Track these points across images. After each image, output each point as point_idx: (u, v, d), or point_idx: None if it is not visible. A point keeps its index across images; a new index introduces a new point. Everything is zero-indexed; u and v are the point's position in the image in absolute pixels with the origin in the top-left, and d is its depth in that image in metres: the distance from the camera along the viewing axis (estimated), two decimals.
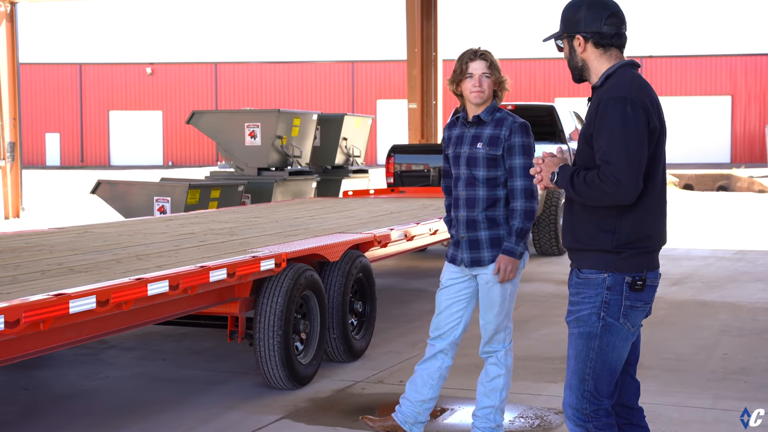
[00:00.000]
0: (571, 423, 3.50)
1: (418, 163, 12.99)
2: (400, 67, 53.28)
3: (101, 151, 56.71)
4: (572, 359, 3.48)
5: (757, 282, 10.51)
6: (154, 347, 7.38)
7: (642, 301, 3.42)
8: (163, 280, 4.73)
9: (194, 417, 5.56)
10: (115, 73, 56.36)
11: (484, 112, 4.72)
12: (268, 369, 5.93)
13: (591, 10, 3.44)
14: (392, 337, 7.72)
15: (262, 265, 5.61)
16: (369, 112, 51.28)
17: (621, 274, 3.38)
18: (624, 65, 3.44)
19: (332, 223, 8.10)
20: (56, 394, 6.11)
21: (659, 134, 3.38)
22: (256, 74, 55.06)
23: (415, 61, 17.88)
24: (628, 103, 3.30)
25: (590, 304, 3.42)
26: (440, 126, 18.32)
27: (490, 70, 4.70)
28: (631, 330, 3.44)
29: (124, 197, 12.69)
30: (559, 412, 5.60)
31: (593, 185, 3.33)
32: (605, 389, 3.45)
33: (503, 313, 4.76)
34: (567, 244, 3.53)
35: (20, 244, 6.45)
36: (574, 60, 3.50)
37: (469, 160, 4.72)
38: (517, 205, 4.67)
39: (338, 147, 15.33)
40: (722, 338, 7.65)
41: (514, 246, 4.66)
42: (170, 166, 54.55)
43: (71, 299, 4.12)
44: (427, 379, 4.93)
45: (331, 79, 54.43)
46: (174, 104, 55.70)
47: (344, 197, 12.35)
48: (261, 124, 13.84)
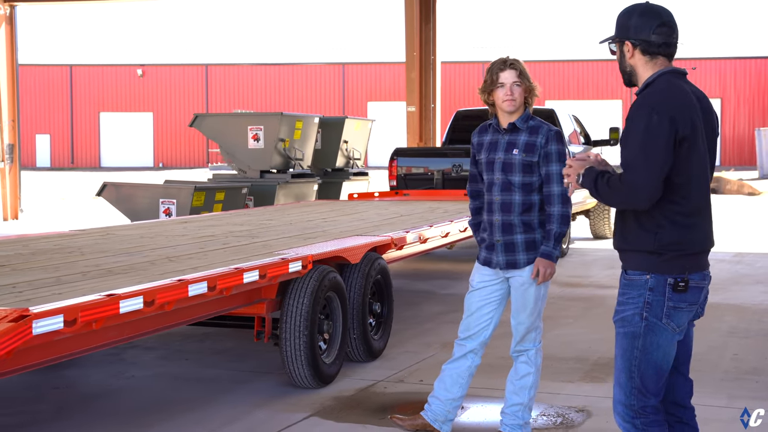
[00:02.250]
0: (620, 418, 3.65)
1: (421, 167, 13.15)
2: (391, 69, 53.50)
3: (92, 152, 56.68)
4: (619, 358, 3.63)
5: (759, 284, 10.70)
6: (176, 347, 7.51)
7: (686, 302, 3.55)
8: (202, 282, 4.87)
9: (223, 415, 5.68)
10: (105, 74, 56.36)
11: (519, 120, 4.87)
12: (294, 368, 6.07)
13: (642, 18, 3.56)
14: (406, 338, 7.86)
15: (290, 267, 5.75)
16: (360, 114, 51.44)
17: (663, 276, 3.52)
18: (664, 74, 3.56)
19: (346, 226, 8.24)
20: (84, 393, 6.23)
21: (693, 140, 3.50)
22: (248, 76, 55.14)
23: (413, 65, 18.04)
24: (654, 112, 3.43)
25: (633, 305, 3.57)
26: (438, 129, 18.49)
27: (520, 78, 4.85)
28: (676, 330, 3.57)
29: (130, 199, 12.79)
30: (580, 410, 5.76)
31: (614, 188, 3.50)
32: (652, 387, 3.59)
33: (536, 313, 4.92)
34: (616, 244, 3.68)
35: (49, 246, 6.57)
36: (624, 65, 3.63)
37: (505, 166, 4.87)
38: (554, 210, 4.82)
39: (339, 150, 15.50)
40: (731, 339, 7.83)
41: (551, 250, 4.82)
42: (161, 167, 54.57)
43: (121, 299, 4.25)
44: (456, 378, 5.08)
45: (322, 81, 54.56)
46: (165, 106, 55.73)
47: (350, 200, 12.48)
48: (264, 127, 13.99)
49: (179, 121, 55.29)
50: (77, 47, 60.07)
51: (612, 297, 9.96)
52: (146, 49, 58.99)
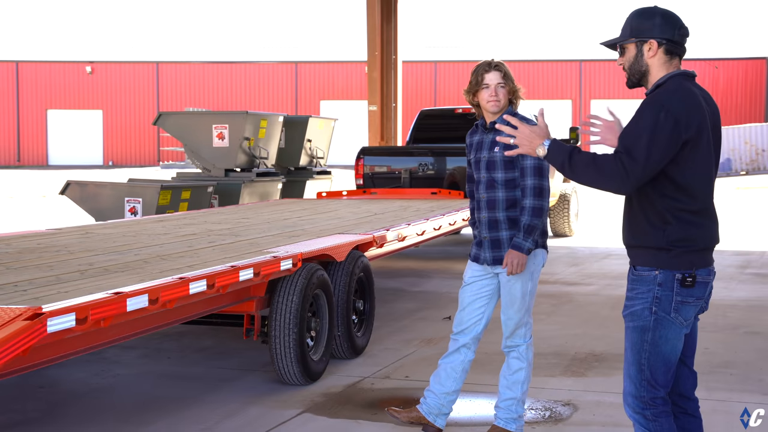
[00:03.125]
0: (630, 410, 3.78)
1: (385, 165, 13.25)
2: (344, 68, 53.53)
3: (39, 150, 55.85)
4: (629, 351, 3.76)
5: (718, 281, 10.96)
6: (155, 346, 7.51)
7: (693, 296, 3.70)
8: (201, 280, 4.91)
9: (217, 413, 5.73)
10: (53, 71, 55.56)
11: (499, 118, 5.00)
12: (283, 365, 6.12)
13: (665, 19, 3.73)
14: (384, 335, 7.95)
15: (281, 265, 5.80)
16: (313, 112, 51.37)
17: (672, 271, 3.65)
18: (675, 75, 3.71)
19: (324, 225, 8.30)
20: (73, 392, 6.23)
21: (698, 141, 3.63)
22: (200, 74, 54.75)
23: (375, 64, 18.12)
24: (663, 110, 3.57)
25: (643, 300, 3.70)
26: (400, 128, 18.59)
27: (504, 80, 5.00)
28: (683, 323, 3.72)
29: (94, 198, 12.71)
30: (566, 403, 5.90)
31: (605, 165, 3.57)
32: (661, 378, 3.73)
33: (524, 308, 5.04)
34: (625, 241, 3.82)
35: (32, 245, 6.54)
36: (639, 64, 3.76)
37: (489, 164, 5.01)
38: (527, 203, 4.95)
39: (303, 149, 15.53)
40: (699, 334, 8.01)
41: (521, 241, 4.93)
42: (111, 166, 54.00)
43: (128, 297, 4.28)
44: (450, 372, 5.18)
45: (274, 79, 54.39)
46: (114, 103, 55.12)
47: (319, 198, 12.54)
48: (229, 125, 13.97)
49: (129, 119, 54.75)
50: (23, 43, 59.16)
51: (579, 293, 10.19)
52: (95, 45, 58.29)
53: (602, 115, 3.90)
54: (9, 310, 3.79)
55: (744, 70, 51.48)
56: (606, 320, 8.65)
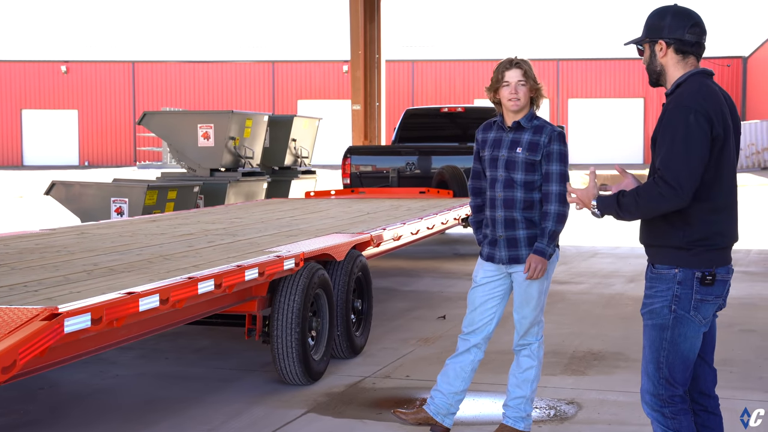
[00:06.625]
0: (648, 407, 3.79)
1: (375, 165, 13.24)
2: (320, 68, 53.45)
3: (13, 150, 55.37)
4: (647, 349, 3.77)
5: None
6: (151, 347, 7.46)
7: (713, 294, 3.70)
8: (209, 279, 4.88)
9: (221, 413, 5.70)
10: (28, 70, 55.09)
11: (524, 119, 4.99)
12: (285, 365, 6.10)
13: (676, 18, 3.71)
14: (381, 335, 7.94)
15: (284, 265, 5.78)
16: (290, 112, 51.31)
17: (691, 270, 3.66)
18: (695, 74, 3.71)
19: (319, 224, 8.28)
20: (74, 393, 6.18)
21: (725, 139, 3.65)
22: (176, 74, 54.48)
23: (358, 63, 18.11)
24: (691, 112, 3.57)
25: (662, 298, 3.71)
26: (383, 127, 18.59)
27: (525, 78, 4.96)
28: (702, 322, 3.73)
29: (80, 198, 12.61)
30: (570, 402, 5.92)
31: (649, 193, 3.58)
32: (679, 376, 3.74)
33: (538, 307, 5.05)
34: (642, 240, 3.82)
35: (31, 245, 6.48)
36: (654, 64, 3.77)
37: (508, 163, 4.99)
38: (551, 209, 4.95)
39: (287, 148, 15.51)
40: None
41: (545, 247, 4.95)
42: (86, 166, 53.62)
43: (140, 297, 4.25)
44: (460, 372, 5.17)
45: (251, 79, 54.22)
46: (90, 103, 54.74)
47: (307, 198, 12.51)
48: (214, 125, 13.92)
49: (105, 119, 54.40)
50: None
51: (570, 292, 10.22)
52: (70, 45, 57.87)
53: (586, 181, 3.90)
54: (26, 311, 3.75)
55: (720, 69, 51.84)
56: (600, 319, 8.68)
